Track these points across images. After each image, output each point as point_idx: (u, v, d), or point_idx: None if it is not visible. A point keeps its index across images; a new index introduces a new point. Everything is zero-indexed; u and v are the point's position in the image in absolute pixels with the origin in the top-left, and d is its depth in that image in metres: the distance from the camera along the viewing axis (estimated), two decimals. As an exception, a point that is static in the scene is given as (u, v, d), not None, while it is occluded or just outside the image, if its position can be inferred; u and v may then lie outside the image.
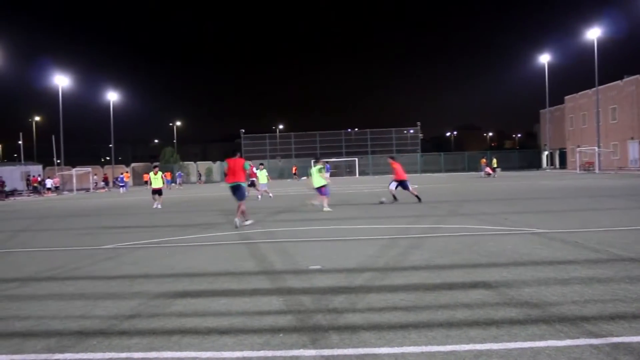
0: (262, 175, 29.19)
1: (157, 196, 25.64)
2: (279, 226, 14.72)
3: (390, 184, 22.20)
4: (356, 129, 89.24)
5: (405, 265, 8.50)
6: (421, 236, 11.64)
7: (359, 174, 78.75)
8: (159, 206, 25.03)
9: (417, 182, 44.01)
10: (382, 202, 21.67)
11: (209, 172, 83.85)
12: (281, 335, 5.30)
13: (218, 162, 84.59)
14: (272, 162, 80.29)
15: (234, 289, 7.41)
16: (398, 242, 10.92)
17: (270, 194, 29.20)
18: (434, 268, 8.21)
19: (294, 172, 74.32)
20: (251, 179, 28.91)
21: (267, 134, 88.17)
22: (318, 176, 19.86)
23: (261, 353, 4.83)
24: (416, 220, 15.07)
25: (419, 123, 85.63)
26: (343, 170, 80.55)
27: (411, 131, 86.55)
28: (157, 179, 26.01)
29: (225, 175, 15.09)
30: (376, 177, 69.09)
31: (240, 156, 15.40)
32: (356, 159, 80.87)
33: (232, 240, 12.27)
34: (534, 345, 4.82)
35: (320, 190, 19.80)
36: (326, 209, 19.13)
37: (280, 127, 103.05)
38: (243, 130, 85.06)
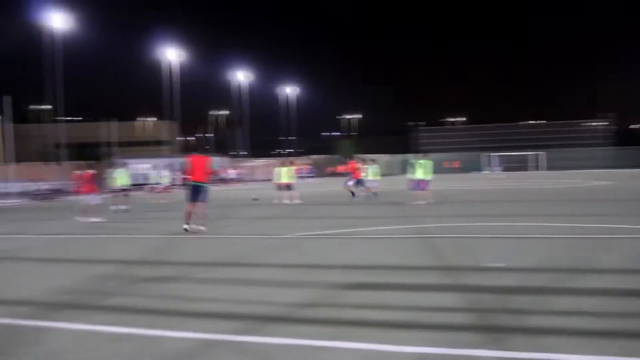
0: (372, 172, 28.33)
1: (287, 191, 24.60)
2: (454, 221, 14.39)
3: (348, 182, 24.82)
4: (543, 121, 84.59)
5: (593, 267, 7.88)
6: (607, 237, 10.76)
7: (544, 169, 74.63)
8: (293, 202, 24.09)
9: (604, 178, 40.83)
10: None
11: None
12: (460, 333, 5.13)
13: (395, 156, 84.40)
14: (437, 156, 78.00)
15: (409, 283, 7.34)
16: (580, 242, 10.18)
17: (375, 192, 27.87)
18: (627, 272, 7.52)
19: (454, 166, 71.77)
20: (356, 179, 27.26)
21: (443, 127, 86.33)
22: (422, 170, 20.95)
23: (441, 350, 4.69)
24: (599, 219, 13.99)
25: (610, 114, 79.12)
26: (526, 164, 76.80)
27: (601, 123, 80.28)
28: (285, 173, 25.22)
29: (186, 172, 13.96)
30: (562, 172, 65.04)
31: (203, 154, 14.33)
32: (540, 153, 76.70)
33: (407, 234, 12.19)
34: None
35: (420, 183, 20.76)
36: (421, 202, 20.30)
37: (459, 119, 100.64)
38: (421, 123, 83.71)
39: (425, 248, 10.13)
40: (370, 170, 27.86)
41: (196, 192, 13.72)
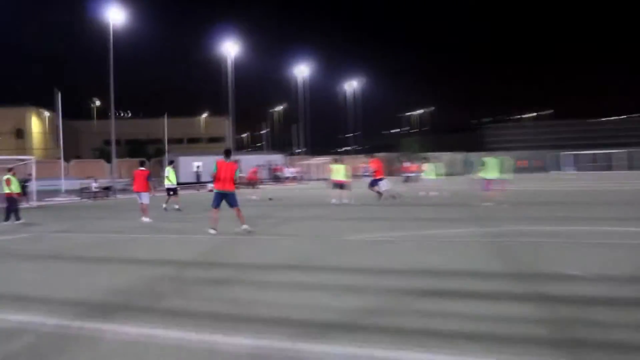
0: (431, 170, 27.83)
1: (340, 190, 24.60)
2: (528, 224, 14.04)
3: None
4: (623, 116, 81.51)
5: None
6: None
7: (624, 168, 72.13)
8: (342, 202, 24.12)
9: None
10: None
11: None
12: (535, 346, 4.97)
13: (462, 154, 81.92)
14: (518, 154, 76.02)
15: (479, 290, 7.20)
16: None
17: (434, 192, 27.16)
18: None
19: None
20: (406, 174, 26.68)
21: (513, 123, 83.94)
22: (493, 169, 20.78)
23: (513, 365, 4.56)
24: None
25: None
26: (604, 162, 74.28)
27: None
28: (340, 171, 25.11)
29: (213, 177, 14.06)
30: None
31: (230, 158, 14.31)
32: (619, 152, 74.09)
33: (477, 238, 11.97)
34: None
35: (490, 183, 20.64)
36: (488, 203, 20.13)
37: (528, 115, 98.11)
38: (488, 119, 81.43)
39: (497, 253, 9.93)
40: (428, 168, 27.74)
41: (220, 199, 14.00)
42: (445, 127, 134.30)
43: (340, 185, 24.66)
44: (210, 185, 31.54)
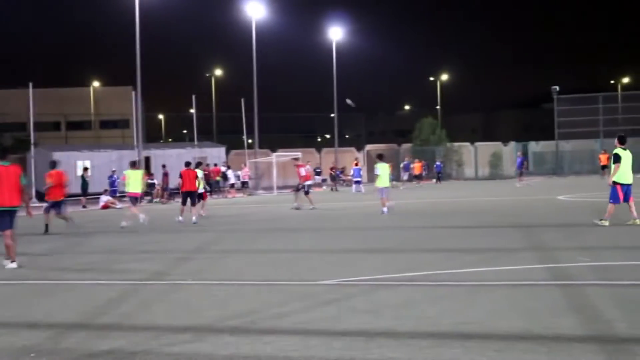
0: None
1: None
2: (616, 258, 13.38)
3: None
4: None
5: None
6: None
7: None
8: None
9: None
10: None
11: (495, 159, 73.76)
12: None
13: (512, 143, 73.70)
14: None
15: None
16: None
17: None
18: None
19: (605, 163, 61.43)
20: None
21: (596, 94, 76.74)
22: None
23: None
24: None
25: None
26: None
27: None
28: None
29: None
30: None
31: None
32: None
33: (537, 280, 11.37)
34: None
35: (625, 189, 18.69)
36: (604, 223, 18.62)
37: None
38: (556, 88, 75.29)
39: (570, 304, 9.31)
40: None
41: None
42: (497, 101, 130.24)
43: (384, 191, 26.80)
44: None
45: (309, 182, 31.56)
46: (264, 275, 12.78)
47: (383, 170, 26.89)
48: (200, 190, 26.75)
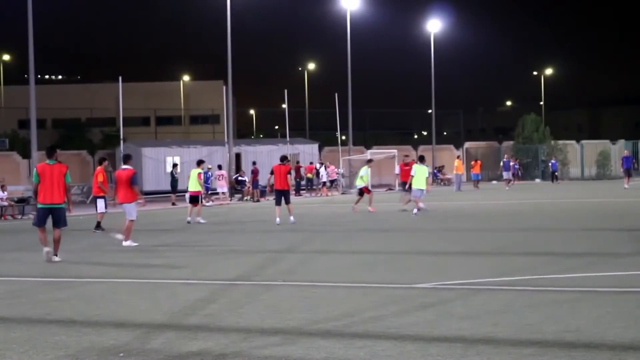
0: None
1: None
2: None
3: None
4: None
5: None
6: None
7: None
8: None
9: None
10: None
11: (603, 158, 69.57)
12: None
13: (621, 142, 70.31)
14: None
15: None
16: None
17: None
18: None
19: None
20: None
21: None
22: None
23: None
24: None
25: None
26: None
27: None
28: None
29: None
30: None
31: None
32: None
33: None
34: None
35: None
36: None
37: None
38: None
39: None
40: None
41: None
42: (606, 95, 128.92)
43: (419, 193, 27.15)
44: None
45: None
46: (357, 277, 12.65)
47: (420, 172, 26.75)
48: (195, 189, 26.30)
